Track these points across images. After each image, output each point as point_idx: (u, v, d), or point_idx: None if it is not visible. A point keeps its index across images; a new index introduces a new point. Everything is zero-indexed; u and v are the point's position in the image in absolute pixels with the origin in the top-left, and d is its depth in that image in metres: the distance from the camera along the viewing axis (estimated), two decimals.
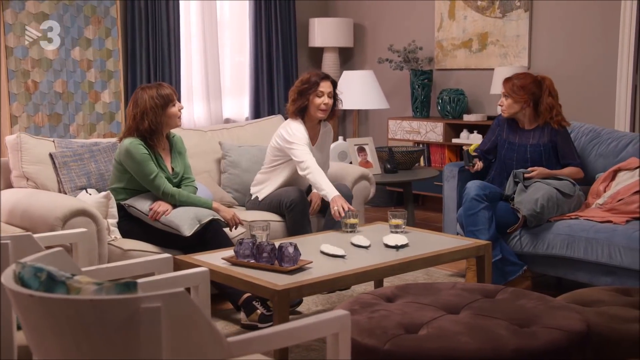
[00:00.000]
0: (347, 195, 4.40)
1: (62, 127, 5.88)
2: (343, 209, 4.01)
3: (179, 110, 4.10)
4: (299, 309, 4.04)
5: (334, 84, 4.48)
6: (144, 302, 1.56)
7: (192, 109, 6.84)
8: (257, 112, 7.17)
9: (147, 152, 3.97)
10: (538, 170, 4.35)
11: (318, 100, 4.39)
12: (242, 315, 3.83)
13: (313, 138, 4.51)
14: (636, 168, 4.24)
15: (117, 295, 1.60)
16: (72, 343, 1.61)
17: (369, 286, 4.19)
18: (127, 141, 3.98)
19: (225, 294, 3.85)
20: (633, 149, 4.44)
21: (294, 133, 4.37)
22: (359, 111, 7.41)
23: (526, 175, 4.34)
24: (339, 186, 4.40)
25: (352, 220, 3.93)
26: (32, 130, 5.70)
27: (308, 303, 4.14)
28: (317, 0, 7.71)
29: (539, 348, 2.35)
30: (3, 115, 5.60)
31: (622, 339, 2.64)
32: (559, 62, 6.07)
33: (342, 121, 7.68)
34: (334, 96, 4.46)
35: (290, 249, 3.22)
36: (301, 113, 4.44)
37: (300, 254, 3.25)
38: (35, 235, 2.72)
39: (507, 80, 4.56)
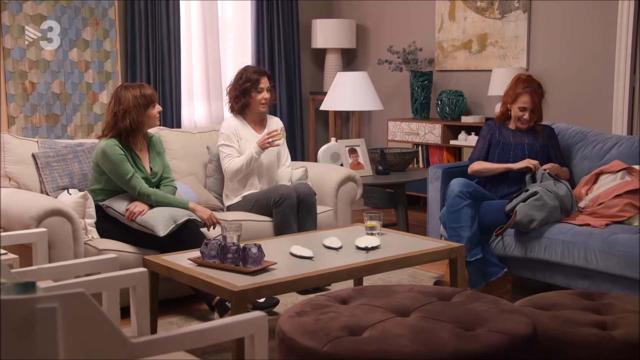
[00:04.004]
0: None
1: (59, 128, 5.95)
2: (272, 139, 4.50)
3: (158, 113, 4.16)
4: (276, 309, 4.05)
5: (270, 78, 4.74)
6: (39, 302, 1.58)
7: (193, 110, 6.89)
8: None
9: (123, 153, 4.01)
10: (553, 167, 4.33)
11: (259, 96, 4.66)
12: (215, 316, 3.85)
13: (258, 130, 4.78)
14: (618, 171, 4.20)
15: (14, 295, 1.62)
16: None
17: (350, 285, 4.19)
18: (103, 142, 4.03)
19: (199, 294, 3.88)
20: (617, 152, 4.40)
21: (221, 131, 4.71)
22: (361, 113, 7.42)
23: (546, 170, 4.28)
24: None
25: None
26: (29, 131, 5.77)
27: (287, 304, 4.15)
28: (320, 0, 7.71)
29: (477, 351, 2.33)
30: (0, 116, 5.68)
31: (573, 342, 2.61)
32: (557, 64, 6.02)
33: (344, 122, 7.68)
34: (271, 89, 4.75)
35: (254, 250, 3.23)
36: (243, 110, 4.72)
37: (264, 255, 3.26)
38: None
39: (532, 93, 4.42)
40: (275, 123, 4.86)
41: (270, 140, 4.48)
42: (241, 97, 4.67)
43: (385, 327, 2.50)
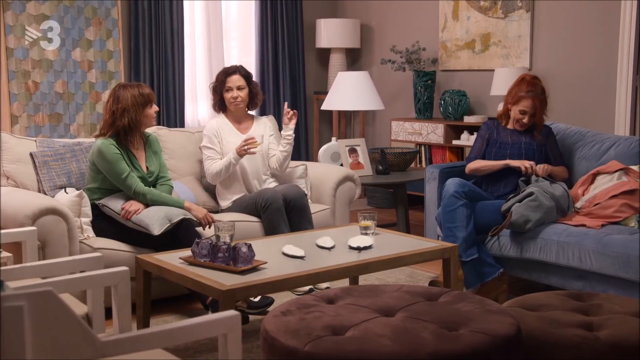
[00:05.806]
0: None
1: (62, 127, 5.98)
2: (247, 147, 4.43)
3: (155, 112, 4.19)
4: (270, 309, 4.05)
5: (246, 76, 4.71)
6: (6, 300, 1.59)
7: (197, 109, 6.91)
8: (263, 112, 7.19)
9: (119, 152, 4.04)
10: (544, 168, 4.32)
11: (228, 95, 4.68)
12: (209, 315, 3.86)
13: (243, 129, 4.78)
14: (615, 172, 4.18)
15: None
16: None
17: (346, 283, 4.19)
18: (99, 141, 4.06)
19: (194, 293, 3.88)
20: (615, 152, 4.38)
21: (204, 133, 4.73)
22: (364, 112, 7.42)
23: (538, 175, 4.28)
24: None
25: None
26: (32, 130, 5.81)
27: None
28: (324, 0, 7.71)
29: (457, 351, 2.33)
30: (3, 115, 5.71)
31: (557, 343, 2.60)
32: (560, 63, 6.00)
33: (348, 122, 7.68)
34: (250, 85, 4.73)
35: (244, 249, 3.23)
36: (222, 107, 4.78)
37: (254, 254, 3.26)
38: None
39: (534, 98, 4.38)
40: (262, 126, 4.82)
41: (245, 147, 4.45)
42: (214, 95, 4.77)
43: (368, 327, 2.51)
